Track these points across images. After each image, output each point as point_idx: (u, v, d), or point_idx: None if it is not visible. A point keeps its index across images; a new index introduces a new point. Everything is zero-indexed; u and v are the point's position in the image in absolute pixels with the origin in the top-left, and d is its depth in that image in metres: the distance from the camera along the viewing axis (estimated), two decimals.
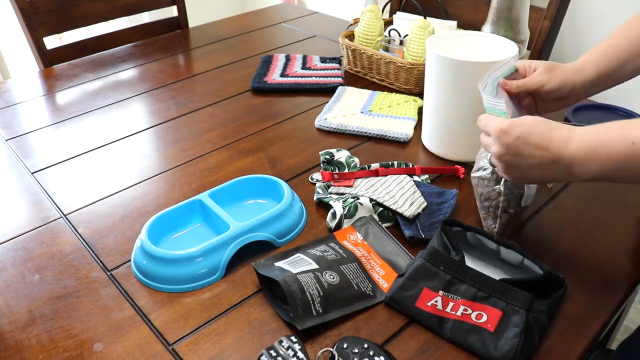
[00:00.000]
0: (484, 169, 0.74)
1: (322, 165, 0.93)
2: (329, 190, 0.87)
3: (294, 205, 0.81)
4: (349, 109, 1.10)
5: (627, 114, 1.03)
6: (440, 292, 0.65)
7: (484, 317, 0.62)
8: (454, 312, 0.63)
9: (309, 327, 0.63)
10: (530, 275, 0.66)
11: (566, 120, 0.86)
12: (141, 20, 1.97)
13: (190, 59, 1.41)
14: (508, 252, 0.71)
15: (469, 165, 0.93)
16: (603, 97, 1.58)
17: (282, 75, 1.26)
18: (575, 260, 0.75)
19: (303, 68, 1.29)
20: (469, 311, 0.63)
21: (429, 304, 0.65)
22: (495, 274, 0.71)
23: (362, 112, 1.09)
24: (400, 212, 0.79)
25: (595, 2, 1.58)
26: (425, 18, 1.16)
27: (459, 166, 0.92)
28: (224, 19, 1.66)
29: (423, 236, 0.76)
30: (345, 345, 0.60)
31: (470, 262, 0.73)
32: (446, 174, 0.92)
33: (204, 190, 0.82)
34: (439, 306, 0.64)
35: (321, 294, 0.65)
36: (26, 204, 0.87)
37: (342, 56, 1.32)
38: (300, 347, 0.60)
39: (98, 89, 1.24)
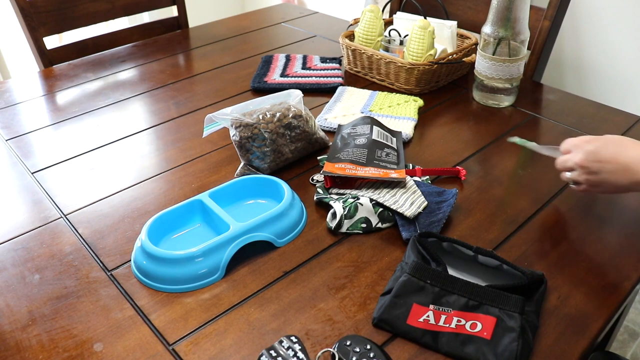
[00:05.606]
0: None
1: (321, 165, 0.93)
2: (329, 190, 0.87)
3: (294, 205, 0.81)
4: (349, 109, 1.10)
5: None
6: (431, 306, 0.63)
7: (479, 326, 0.61)
8: (447, 325, 0.62)
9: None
10: (512, 277, 0.66)
11: None
12: (141, 20, 1.97)
13: (190, 59, 1.41)
14: (486, 258, 0.70)
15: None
16: (595, 96, 1.58)
17: (282, 75, 1.25)
18: (575, 261, 0.75)
19: (303, 68, 1.29)
20: (463, 322, 0.62)
21: (421, 319, 0.63)
22: (477, 279, 0.70)
23: (362, 112, 1.09)
24: (401, 212, 0.79)
25: (595, 2, 1.58)
26: (425, 18, 1.16)
27: (460, 167, 0.92)
28: (224, 19, 1.66)
29: None
30: (348, 342, 0.60)
31: (449, 271, 0.71)
32: (446, 175, 0.92)
33: (204, 190, 0.82)
34: (432, 321, 0.63)
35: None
36: (26, 204, 0.87)
37: (342, 56, 1.32)
38: (300, 347, 0.60)
39: (98, 89, 1.24)
